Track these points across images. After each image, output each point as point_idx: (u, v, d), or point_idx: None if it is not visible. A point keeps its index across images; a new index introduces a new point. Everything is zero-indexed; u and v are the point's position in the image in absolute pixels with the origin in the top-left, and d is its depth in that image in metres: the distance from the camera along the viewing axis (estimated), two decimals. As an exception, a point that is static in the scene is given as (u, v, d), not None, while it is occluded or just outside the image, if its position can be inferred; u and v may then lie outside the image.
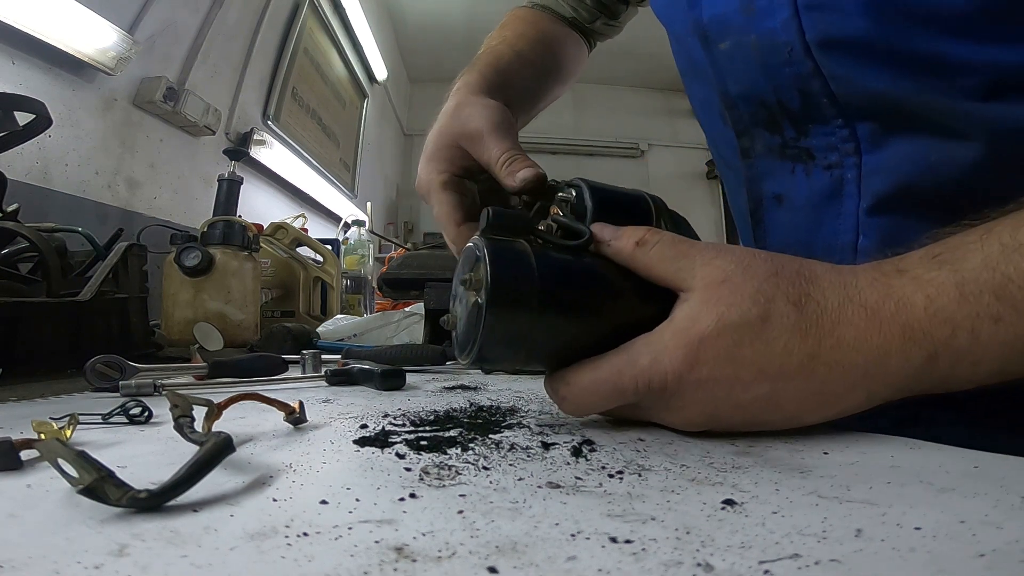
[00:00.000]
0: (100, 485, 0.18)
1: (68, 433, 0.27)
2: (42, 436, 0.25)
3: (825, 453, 0.27)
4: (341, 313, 1.34)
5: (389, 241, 2.87)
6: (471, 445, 0.27)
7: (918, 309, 0.27)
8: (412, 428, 0.31)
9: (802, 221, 0.41)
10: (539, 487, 0.21)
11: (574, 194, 0.35)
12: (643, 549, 0.16)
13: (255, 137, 1.93)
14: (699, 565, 0.15)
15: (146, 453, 0.27)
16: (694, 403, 0.29)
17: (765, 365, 0.28)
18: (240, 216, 1.10)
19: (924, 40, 0.33)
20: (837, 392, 0.29)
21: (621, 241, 0.32)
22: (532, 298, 0.29)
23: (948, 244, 0.28)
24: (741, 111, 0.44)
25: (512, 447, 0.27)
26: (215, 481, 0.21)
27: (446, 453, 0.26)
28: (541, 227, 0.34)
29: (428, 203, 0.47)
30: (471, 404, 0.39)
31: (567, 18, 0.68)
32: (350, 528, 0.17)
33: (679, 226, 0.37)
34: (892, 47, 0.34)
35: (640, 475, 0.23)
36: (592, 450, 0.27)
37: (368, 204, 2.60)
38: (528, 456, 0.26)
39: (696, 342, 0.28)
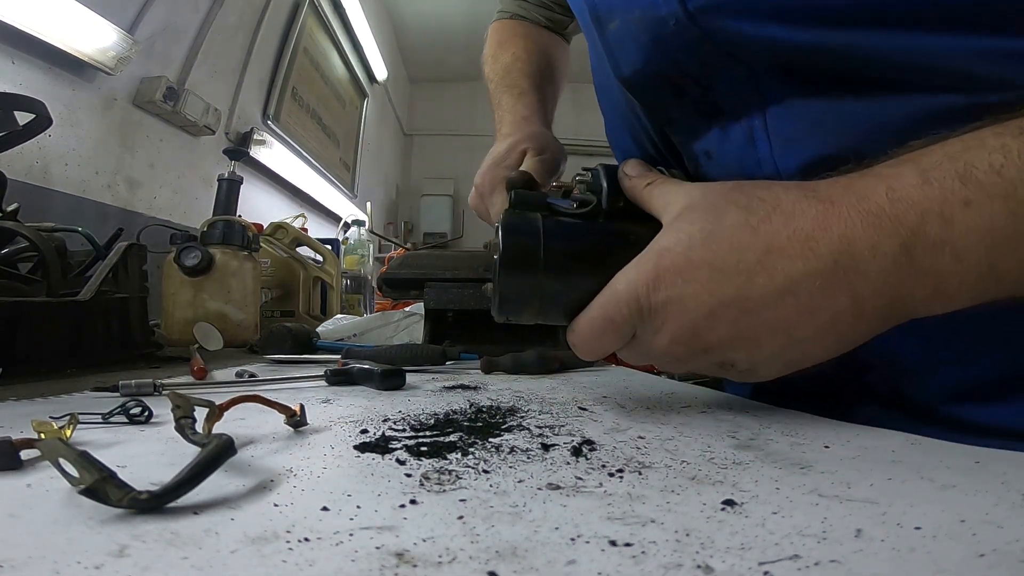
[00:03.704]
0: (101, 486, 0.18)
1: (68, 433, 0.27)
2: (42, 436, 0.25)
3: (826, 447, 0.27)
4: (341, 313, 1.34)
5: (389, 241, 2.87)
6: (471, 449, 0.27)
7: (880, 196, 0.27)
8: (412, 433, 0.31)
9: (733, 173, 0.41)
10: (539, 489, 0.21)
11: (590, 176, 0.40)
12: (643, 552, 0.16)
13: (255, 137, 1.93)
14: (699, 567, 0.15)
15: (146, 453, 0.27)
16: (670, 316, 0.31)
17: (721, 263, 0.29)
18: (240, 216, 1.10)
19: None
20: (810, 290, 0.28)
21: (639, 181, 0.36)
22: (538, 256, 0.34)
23: (910, 149, 0.29)
24: (643, 89, 0.44)
25: (512, 450, 0.27)
26: (216, 483, 0.21)
27: (446, 458, 0.26)
28: (565, 206, 0.39)
29: (485, 203, 0.56)
30: (471, 405, 0.39)
31: (543, 25, 0.76)
32: (351, 534, 0.17)
33: None
34: (776, 4, 0.33)
35: (640, 473, 0.23)
36: (592, 449, 0.27)
37: (368, 204, 2.60)
38: (528, 458, 0.26)
39: (657, 255, 0.31)
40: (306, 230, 1.48)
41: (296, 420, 0.32)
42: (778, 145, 0.38)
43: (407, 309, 0.98)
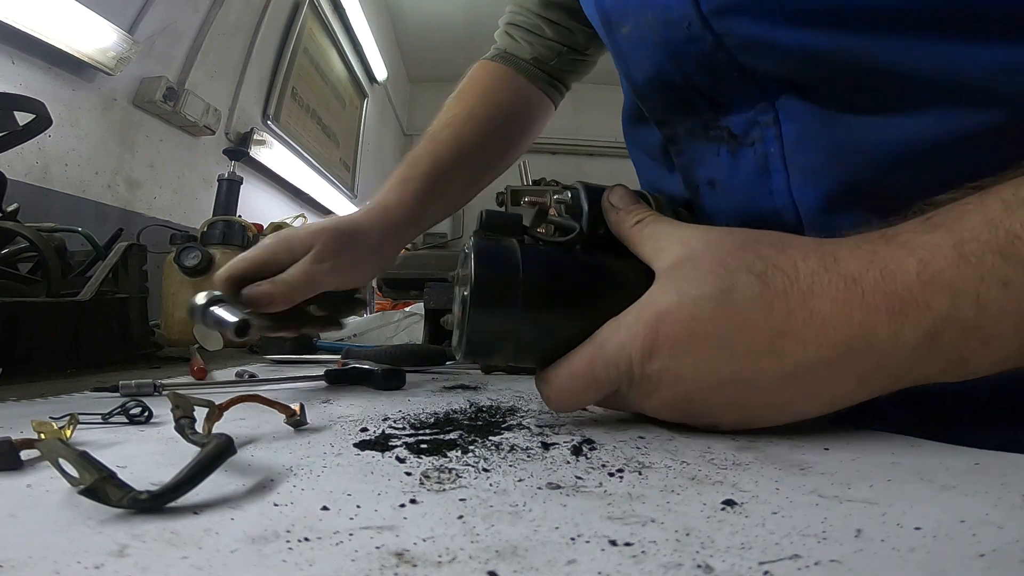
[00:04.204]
0: (101, 486, 0.18)
1: (68, 433, 0.27)
2: (42, 436, 0.25)
3: (826, 449, 0.26)
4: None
5: (389, 241, 2.86)
6: (471, 448, 0.27)
7: (910, 276, 0.24)
8: (412, 432, 0.31)
9: (739, 203, 0.39)
10: (539, 488, 0.21)
11: (570, 196, 0.36)
12: (643, 552, 0.16)
13: (255, 137, 1.93)
14: (699, 567, 0.15)
15: (146, 453, 0.27)
16: (664, 385, 0.28)
17: (727, 342, 0.26)
18: (240, 216, 1.10)
19: None
20: (818, 376, 0.26)
21: (627, 216, 0.33)
22: (516, 292, 0.29)
23: (943, 209, 0.25)
24: (652, 100, 0.42)
25: (512, 448, 0.27)
26: (216, 483, 0.21)
27: (446, 456, 0.26)
28: (541, 230, 0.35)
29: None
30: (471, 404, 0.39)
31: (528, 60, 0.67)
32: (351, 534, 0.17)
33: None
34: (795, 5, 0.31)
35: (640, 473, 0.23)
36: (592, 448, 0.27)
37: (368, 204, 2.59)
38: (528, 457, 0.26)
39: (655, 320, 0.28)
40: (306, 230, 1.48)
41: (296, 420, 0.32)
42: (796, 176, 0.36)
43: (407, 309, 0.98)
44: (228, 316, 0.40)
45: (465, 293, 0.30)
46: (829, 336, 0.25)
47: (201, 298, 0.41)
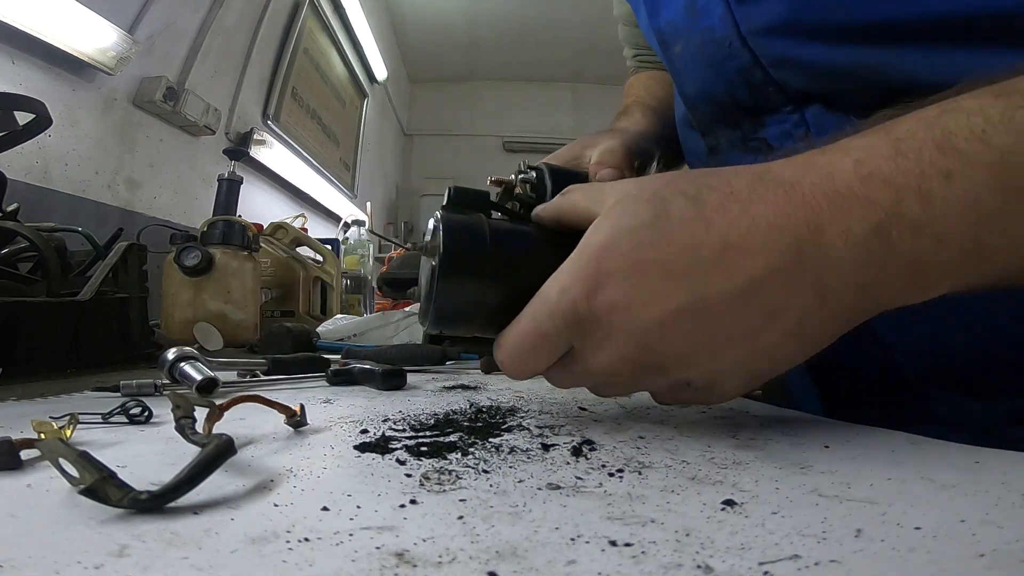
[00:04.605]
0: (101, 486, 0.18)
1: (68, 433, 0.27)
2: (42, 436, 0.25)
3: (826, 447, 0.27)
4: (341, 313, 1.34)
5: (389, 241, 2.87)
6: (471, 449, 0.27)
7: (847, 173, 0.24)
8: (412, 434, 0.31)
9: None
10: (539, 489, 0.21)
11: (535, 175, 0.37)
12: (643, 552, 0.16)
13: (255, 137, 1.93)
14: (699, 567, 0.15)
15: (146, 453, 0.27)
16: (615, 327, 0.26)
17: (672, 264, 0.25)
18: (240, 216, 1.10)
19: (845, 9, 0.33)
20: (773, 289, 0.25)
21: (552, 201, 0.33)
22: (484, 262, 0.30)
23: (880, 119, 0.26)
24: (701, 111, 0.46)
25: (512, 450, 0.27)
26: (216, 484, 0.21)
27: (446, 458, 0.26)
28: (509, 206, 0.36)
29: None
30: (471, 405, 0.39)
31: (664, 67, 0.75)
32: (351, 534, 0.17)
33: None
34: (817, 24, 0.34)
35: (640, 473, 0.23)
36: (592, 449, 0.27)
37: (368, 204, 2.60)
38: (528, 458, 0.26)
39: (595, 257, 0.27)
40: (306, 230, 1.48)
41: (296, 420, 0.32)
42: None
43: (407, 309, 0.98)
44: (195, 373, 0.43)
45: (433, 263, 0.31)
46: (776, 240, 0.24)
47: (171, 354, 0.44)
